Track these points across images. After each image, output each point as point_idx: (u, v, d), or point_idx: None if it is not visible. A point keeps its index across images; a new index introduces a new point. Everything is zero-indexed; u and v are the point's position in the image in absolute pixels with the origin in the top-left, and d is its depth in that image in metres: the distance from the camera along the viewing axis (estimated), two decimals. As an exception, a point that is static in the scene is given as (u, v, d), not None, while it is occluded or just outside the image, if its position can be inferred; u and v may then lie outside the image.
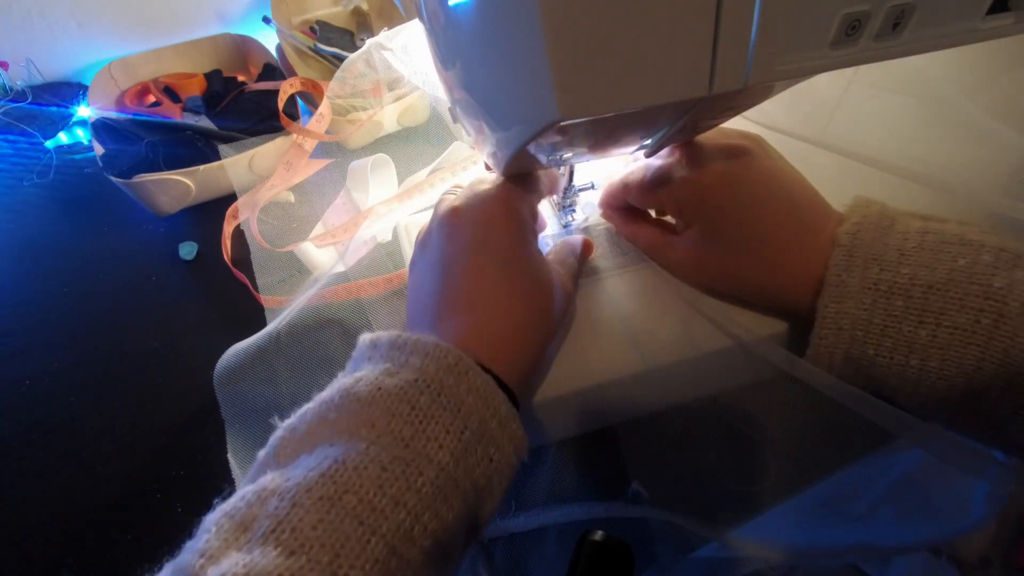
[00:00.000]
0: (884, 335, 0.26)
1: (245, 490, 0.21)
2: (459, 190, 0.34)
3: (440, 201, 0.33)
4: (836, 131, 0.37)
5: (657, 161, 0.33)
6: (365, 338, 0.26)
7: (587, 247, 0.36)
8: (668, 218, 0.36)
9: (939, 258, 0.25)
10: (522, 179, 0.32)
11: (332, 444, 0.22)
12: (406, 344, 0.24)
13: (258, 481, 0.21)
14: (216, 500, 0.22)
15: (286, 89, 0.54)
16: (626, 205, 0.36)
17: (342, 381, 0.24)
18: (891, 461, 0.31)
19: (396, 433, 0.22)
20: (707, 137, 0.32)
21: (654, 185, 0.33)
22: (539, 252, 0.30)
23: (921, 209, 0.28)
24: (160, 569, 0.20)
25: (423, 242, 0.32)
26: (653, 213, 0.37)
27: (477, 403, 0.23)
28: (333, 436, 0.22)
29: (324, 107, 0.52)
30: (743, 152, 0.31)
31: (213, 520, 0.20)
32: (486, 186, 0.31)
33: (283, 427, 0.24)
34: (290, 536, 0.19)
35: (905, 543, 0.30)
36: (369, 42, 0.48)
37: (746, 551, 0.30)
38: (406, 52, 0.46)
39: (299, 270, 0.49)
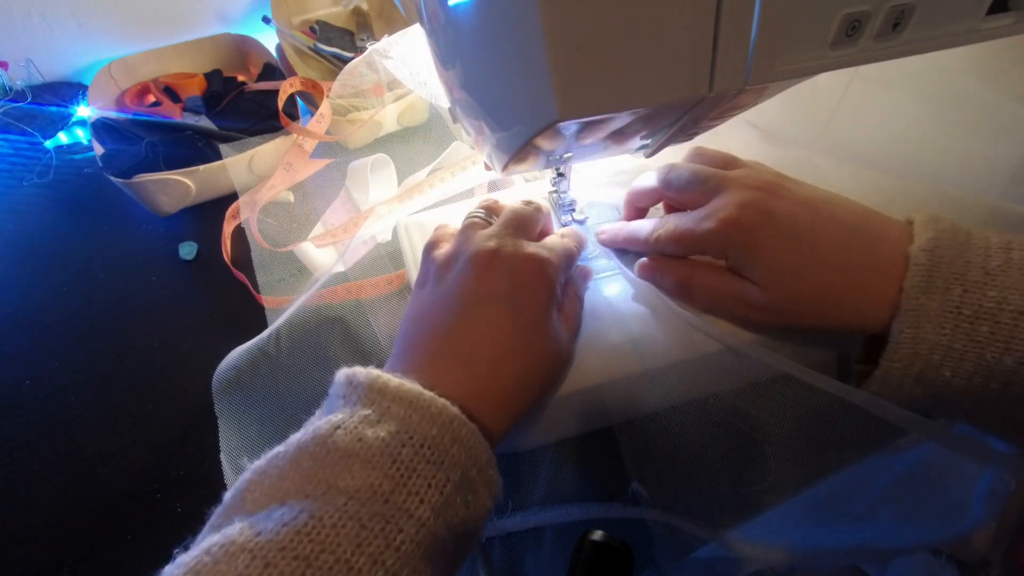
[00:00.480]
0: (963, 360, 0.24)
1: (211, 542, 0.20)
2: (482, 212, 0.33)
3: (469, 226, 0.31)
4: (839, 126, 0.37)
5: (678, 218, 0.32)
6: (342, 374, 0.25)
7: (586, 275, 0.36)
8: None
9: None
10: (567, 254, 0.31)
11: (307, 496, 0.21)
12: (386, 389, 0.23)
13: (224, 533, 0.20)
14: (176, 550, 0.21)
15: (286, 88, 0.54)
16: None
17: (317, 425, 0.23)
18: (891, 460, 0.31)
19: (376, 487, 0.21)
20: (726, 177, 0.30)
21: (684, 239, 0.31)
22: (555, 321, 0.29)
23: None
24: None
25: (443, 265, 0.30)
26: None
27: (461, 453, 0.23)
28: (308, 486, 0.21)
29: (324, 108, 0.52)
30: (771, 185, 0.29)
31: None
32: (524, 240, 0.30)
33: (251, 469, 0.23)
34: None
35: (905, 544, 0.30)
36: (371, 48, 0.49)
37: (745, 552, 0.30)
38: (404, 62, 0.46)
39: (299, 270, 0.49)
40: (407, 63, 0.46)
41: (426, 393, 0.23)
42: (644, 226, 0.34)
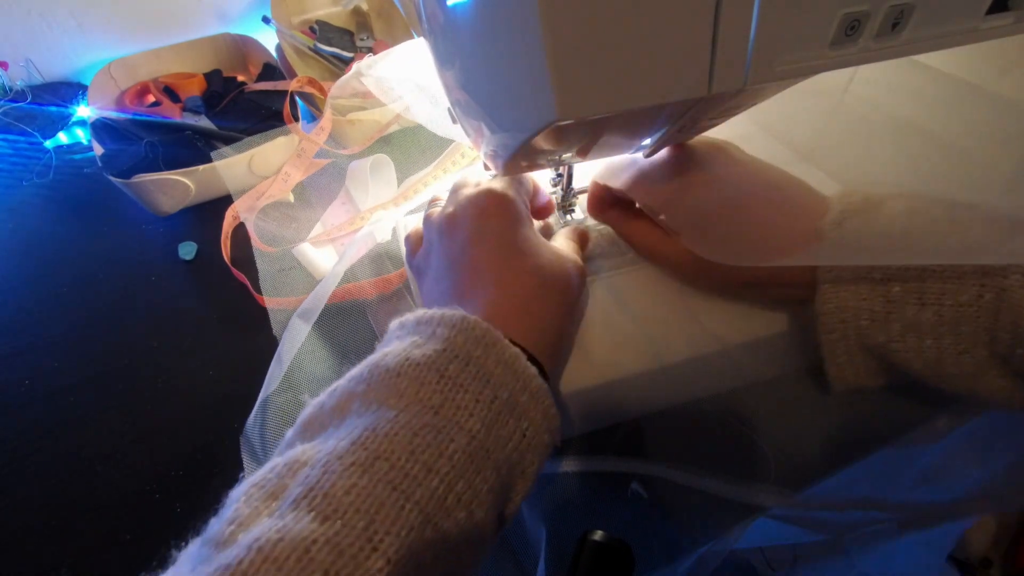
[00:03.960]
0: (889, 321, 0.25)
1: (275, 462, 0.21)
2: (441, 202, 0.34)
3: (427, 215, 0.33)
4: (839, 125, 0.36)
5: (634, 163, 0.33)
6: (394, 322, 0.26)
7: (584, 235, 0.36)
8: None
9: (929, 239, 0.24)
10: (513, 177, 0.32)
11: (360, 415, 0.22)
12: (432, 318, 0.24)
13: (287, 454, 0.21)
14: (241, 475, 0.22)
15: (293, 87, 0.54)
16: (615, 202, 0.36)
17: (371, 357, 0.24)
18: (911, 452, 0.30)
19: (425, 401, 0.22)
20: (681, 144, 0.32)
21: (636, 188, 0.33)
22: (537, 235, 0.30)
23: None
24: (167, 561, 0.20)
25: (423, 254, 0.32)
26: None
27: (506, 375, 0.23)
28: (362, 407, 0.22)
29: (325, 120, 0.52)
30: (717, 150, 0.31)
31: (242, 491, 0.20)
32: (471, 188, 0.31)
33: (312, 404, 0.24)
34: (322, 501, 0.19)
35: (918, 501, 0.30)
36: (355, 66, 0.49)
37: (757, 499, 0.30)
38: (381, 80, 0.47)
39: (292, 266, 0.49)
40: (383, 81, 0.47)
41: (469, 316, 0.24)
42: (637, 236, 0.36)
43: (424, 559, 0.19)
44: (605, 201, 0.36)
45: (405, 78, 0.46)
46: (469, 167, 0.47)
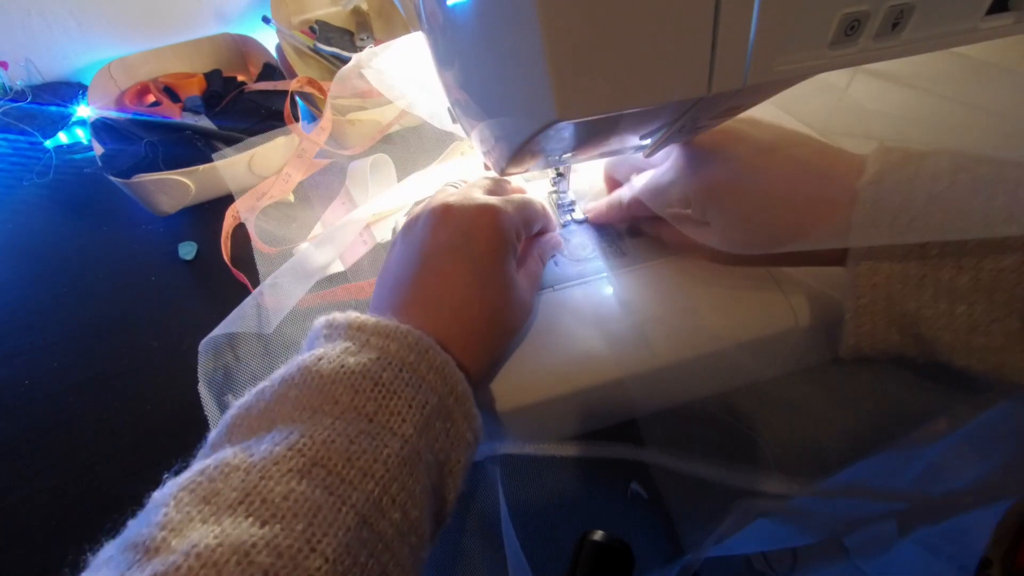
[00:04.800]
0: (923, 285, 0.24)
1: (203, 464, 0.21)
2: (462, 184, 0.34)
3: (439, 191, 0.33)
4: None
5: (641, 179, 0.33)
6: (321, 319, 0.26)
7: (557, 246, 0.37)
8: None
9: (974, 199, 0.23)
10: (523, 202, 0.32)
11: (294, 420, 0.22)
12: (365, 326, 0.25)
13: (216, 456, 0.21)
14: (166, 476, 0.22)
15: (293, 87, 0.54)
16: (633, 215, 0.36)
17: (301, 359, 0.24)
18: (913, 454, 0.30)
19: (360, 408, 0.22)
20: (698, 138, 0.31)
21: (655, 197, 0.32)
22: (512, 270, 0.30)
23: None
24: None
25: (409, 225, 0.32)
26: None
27: (437, 380, 0.24)
28: (294, 412, 0.22)
29: (326, 120, 0.52)
30: (730, 134, 0.30)
31: (169, 495, 0.20)
32: (482, 194, 0.31)
33: (236, 406, 0.24)
34: (260, 507, 0.19)
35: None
36: (355, 58, 0.49)
37: (762, 486, 0.29)
38: (381, 74, 0.46)
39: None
40: (384, 75, 0.46)
41: (402, 326, 0.25)
42: (621, 194, 0.36)
43: (361, 558, 0.19)
44: (621, 217, 0.37)
45: (406, 73, 0.46)
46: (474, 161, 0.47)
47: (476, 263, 0.28)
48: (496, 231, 0.29)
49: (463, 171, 0.47)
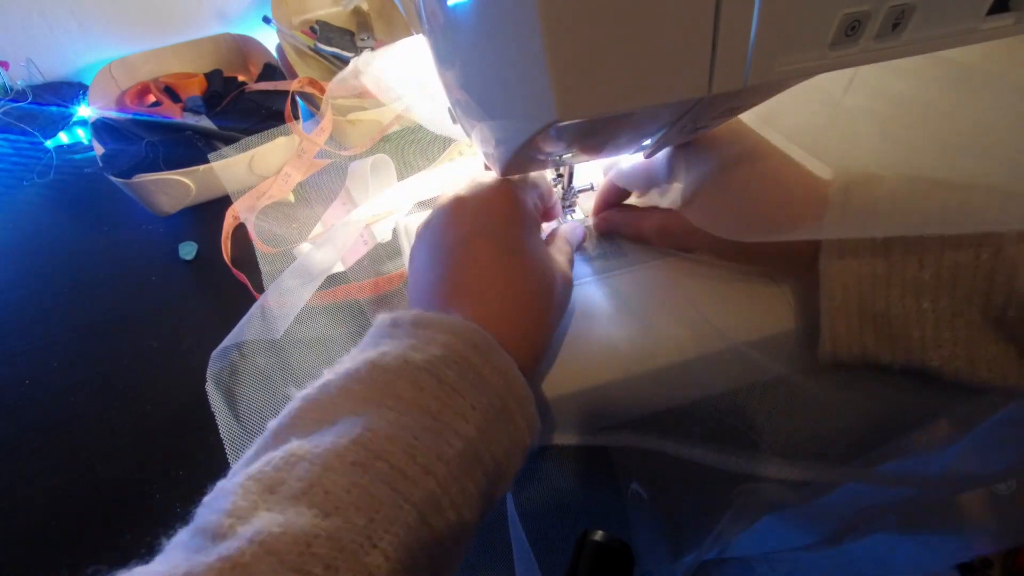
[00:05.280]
0: (890, 284, 0.26)
1: (270, 456, 0.21)
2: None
3: (443, 193, 0.33)
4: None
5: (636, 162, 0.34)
6: (384, 317, 0.26)
7: (581, 235, 0.37)
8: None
9: (931, 202, 0.25)
10: (533, 177, 0.32)
11: (358, 414, 0.22)
12: (431, 322, 0.24)
13: (282, 448, 0.21)
14: (234, 464, 0.22)
15: (294, 88, 0.54)
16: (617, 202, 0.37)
17: (366, 354, 0.24)
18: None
19: (424, 405, 0.22)
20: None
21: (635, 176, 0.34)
22: (540, 241, 0.30)
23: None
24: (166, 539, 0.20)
25: (425, 227, 0.32)
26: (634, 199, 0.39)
27: (499, 382, 0.24)
28: (358, 406, 0.22)
29: (326, 121, 0.52)
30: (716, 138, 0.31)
31: (237, 483, 0.20)
32: (489, 179, 0.31)
33: (300, 397, 0.24)
34: (323, 498, 0.19)
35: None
36: (353, 61, 0.49)
37: (762, 469, 0.29)
38: (378, 77, 0.46)
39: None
40: (382, 80, 0.46)
41: (465, 322, 0.24)
42: (646, 221, 0.36)
43: (418, 557, 0.19)
44: (611, 204, 0.37)
45: (404, 76, 0.46)
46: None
47: (503, 242, 0.28)
48: (513, 204, 0.29)
49: (463, 171, 0.47)
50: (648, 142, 0.31)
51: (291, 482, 0.20)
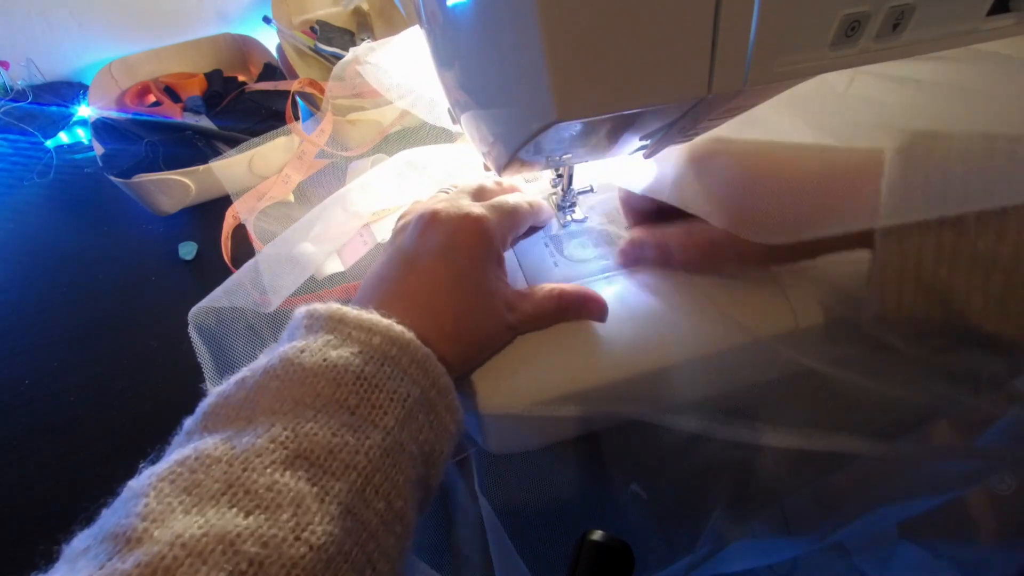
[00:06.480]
0: (958, 253, 0.23)
1: (182, 455, 0.21)
2: (453, 190, 0.34)
3: (431, 197, 0.33)
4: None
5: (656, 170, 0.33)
6: (301, 309, 0.26)
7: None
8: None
9: (1016, 163, 0.21)
10: (511, 210, 0.32)
11: (275, 412, 0.22)
12: (347, 318, 0.25)
13: (194, 447, 0.21)
14: (142, 464, 0.22)
15: (294, 88, 0.54)
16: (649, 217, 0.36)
17: (283, 350, 0.24)
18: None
19: (342, 401, 0.22)
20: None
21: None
22: (496, 280, 0.30)
23: None
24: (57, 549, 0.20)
25: (399, 229, 0.32)
26: None
27: (418, 373, 0.24)
28: (276, 404, 0.22)
29: (326, 122, 0.52)
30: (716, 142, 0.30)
31: (148, 484, 0.20)
32: (468, 202, 0.31)
33: (215, 393, 0.24)
34: (244, 497, 0.19)
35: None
36: (352, 51, 0.49)
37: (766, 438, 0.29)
38: (378, 69, 0.46)
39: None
40: (381, 72, 0.46)
41: (384, 320, 0.25)
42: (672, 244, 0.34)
43: (346, 547, 0.20)
44: (639, 211, 0.36)
45: (404, 70, 0.46)
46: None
47: (456, 268, 0.29)
48: (479, 238, 0.30)
49: (459, 161, 0.47)
50: (648, 142, 0.31)
51: (208, 483, 0.19)
